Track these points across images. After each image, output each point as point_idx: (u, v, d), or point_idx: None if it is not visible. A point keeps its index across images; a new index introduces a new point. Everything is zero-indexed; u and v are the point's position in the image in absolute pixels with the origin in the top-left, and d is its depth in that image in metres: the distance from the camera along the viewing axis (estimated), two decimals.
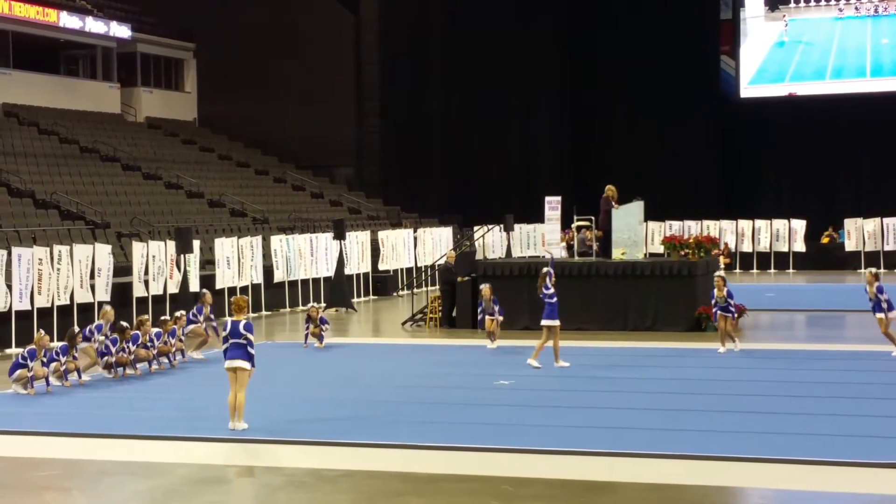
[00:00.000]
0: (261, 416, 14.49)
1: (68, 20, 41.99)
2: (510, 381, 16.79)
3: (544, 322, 18.14)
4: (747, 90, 50.32)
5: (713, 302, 20.54)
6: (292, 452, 12.56)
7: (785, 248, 43.41)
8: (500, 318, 21.42)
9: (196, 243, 26.35)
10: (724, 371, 17.87)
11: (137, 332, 19.03)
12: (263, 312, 29.10)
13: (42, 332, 17.82)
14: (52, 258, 22.85)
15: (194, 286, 25.80)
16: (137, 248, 25.40)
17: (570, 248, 29.20)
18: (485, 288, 21.97)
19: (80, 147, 38.96)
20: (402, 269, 35.62)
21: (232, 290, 27.95)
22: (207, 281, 27.21)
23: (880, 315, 19.33)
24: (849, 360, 19.03)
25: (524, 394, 15.80)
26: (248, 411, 14.20)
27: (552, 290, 18.07)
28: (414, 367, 18.94)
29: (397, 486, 11.09)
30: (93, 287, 23.83)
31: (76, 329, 18.46)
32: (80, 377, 17.61)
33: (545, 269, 18.23)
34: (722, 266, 38.05)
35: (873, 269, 20.51)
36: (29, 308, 22.37)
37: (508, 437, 12.92)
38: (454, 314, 25.43)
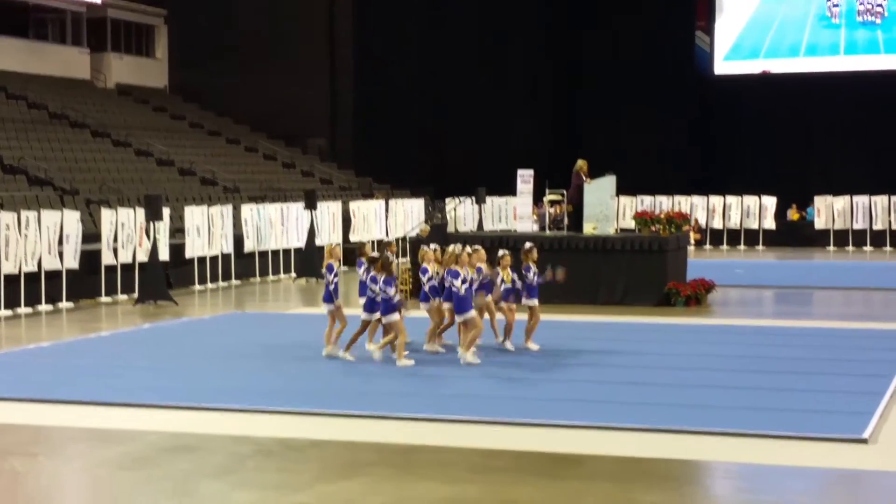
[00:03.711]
0: (232, 385, 14.53)
1: None
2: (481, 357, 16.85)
3: (529, 302, 17.29)
4: (722, 66, 50.47)
5: (483, 281, 16.84)
6: (262, 422, 12.61)
7: (755, 225, 43.66)
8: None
9: (166, 211, 26.27)
10: (692, 346, 18.01)
11: None
12: (233, 282, 29.07)
13: None
14: (19, 224, 22.74)
15: (164, 255, 25.77)
16: (106, 216, 25.31)
17: (541, 222, 29.27)
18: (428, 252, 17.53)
19: (49, 112, 38.68)
20: (373, 241, 35.60)
21: (202, 260, 27.93)
22: (177, 250, 27.17)
23: None
24: (816, 336, 19.20)
25: (496, 367, 15.87)
26: (217, 380, 14.28)
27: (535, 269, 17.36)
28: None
29: (367, 456, 11.16)
30: (61, 254, 23.75)
31: None
32: None
33: (528, 245, 17.69)
34: (692, 241, 38.37)
35: None
36: None
37: (481, 409, 13.00)
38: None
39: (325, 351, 16.70)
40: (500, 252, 17.43)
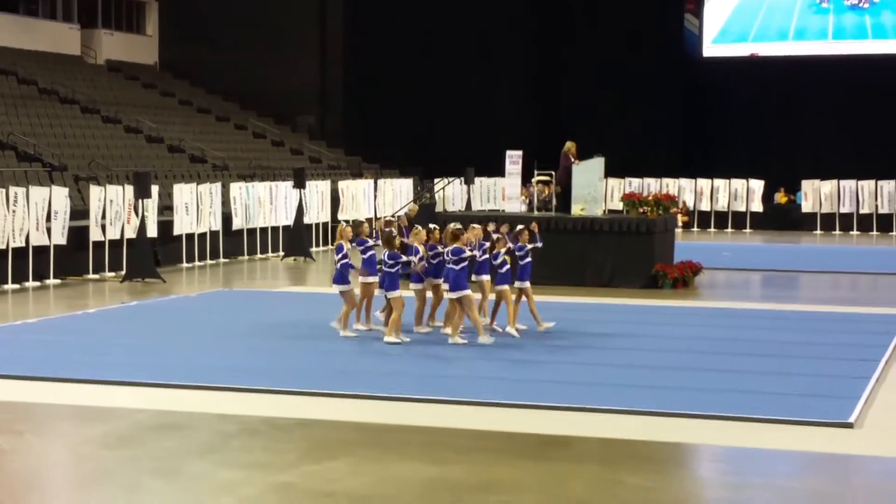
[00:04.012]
0: (218, 364, 14.45)
1: None
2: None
3: (521, 284, 17.05)
4: (710, 49, 50.37)
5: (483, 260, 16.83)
6: (248, 400, 12.53)
7: (742, 208, 43.70)
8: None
9: (154, 189, 26.14)
10: (679, 328, 17.97)
11: None
12: (221, 260, 28.96)
13: None
14: (7, 200, 22.60)
15: (152, 232, 25.66)
16: (95, 192, 25.17)
17: (529, 202, 29.20)
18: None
19: (39, 88, 38.46)
20: (369, 219, 35.48)
21: (190, 237, 27.81)
22: (165, 227, 27.05)
23: None
24: (802, 319, 19.18)
25: (483, 349, 15.80)
26: (203, 358, 14.19)
27: (528, 248, 17.16)
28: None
29: (352, 436, 11.09)
30: (49, 230, 23.61)
31: None
32: None
33: (520, 227, 17.47)
34: (680, 224, 38.36)
35: None
36: None
37: (467, 389, 12.94)
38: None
39: (343, 332, 16.58)
40: (519, 227, 17.39)
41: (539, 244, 17.58)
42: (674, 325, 18.34)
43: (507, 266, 16.76)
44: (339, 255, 16.75)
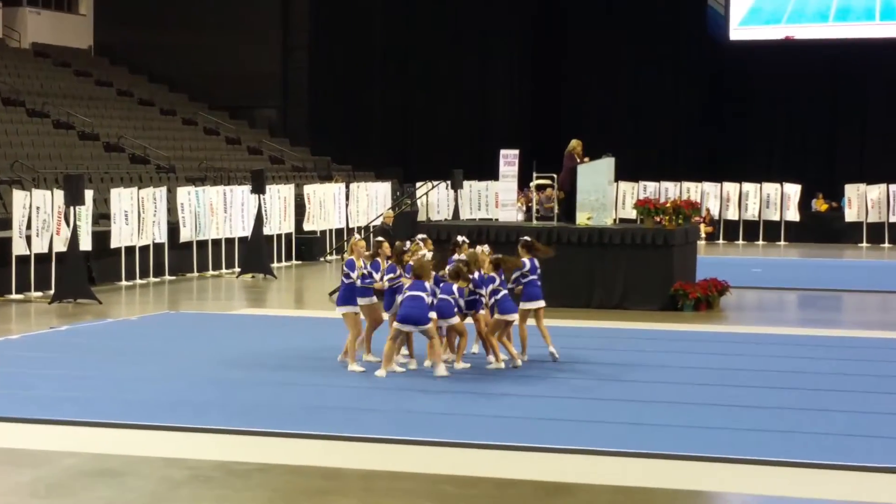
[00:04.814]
0: (164, 399, 14.45)
1: None
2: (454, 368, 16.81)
3: (533, 305, 17.25)
4: (738, 32, 50.54)
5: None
6: (198, 441, 12.53)
7: (776, 217, 43.84)
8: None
9: (88, 194, 26.11)
10: (701, 357, 18.02)
11: None
12: (167, 277, 28.95)
13: None
14: None
15: (85, 244, 25.64)
16: (19, 198, 25.14)
17: (528, 210, 29.30)
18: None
19: None
20: (330, 231, 35.56)
21: (130, 251, 27.81)
22: (101, 239, 27.04)
23: None
24: (846, 347, 19.24)
25: (472, 380, 15.84)
26: (146, 392, 14.18)
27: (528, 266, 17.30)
28: (340, 344, 18.76)
29: (321, 484, 11.11)
30: None
31: None
32: None
33: (525, 238, 17.67)
34: (703, 235, 38.48)
35: None
36: None
37: (452, 428, 12.97)
38: None
39: (342, 358, 16.66)
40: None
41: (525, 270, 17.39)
42: (695, 354, 18.38)
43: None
44: (353, 272, 16.32)
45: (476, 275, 16.61)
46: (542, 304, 17.37)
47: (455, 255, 17.35)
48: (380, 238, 17.47)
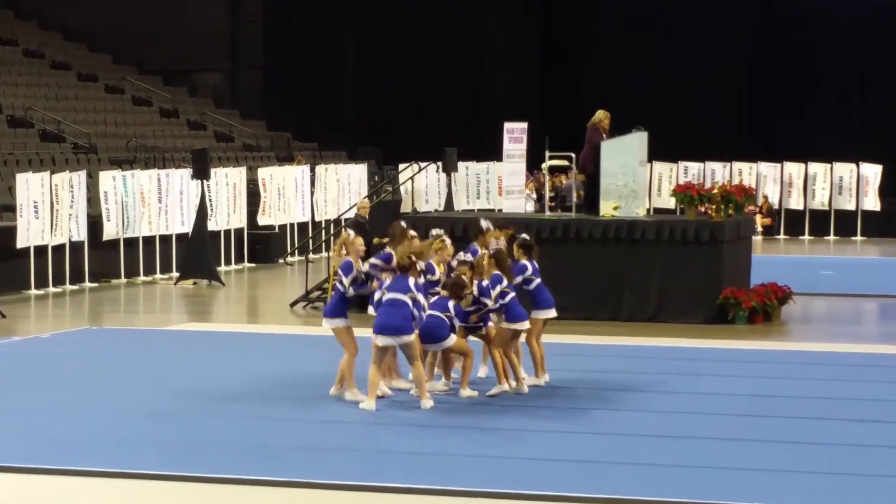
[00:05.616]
0: (82, 435, 14.42)
1: None
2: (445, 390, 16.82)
3: (548, 314, 17.36)
4: None
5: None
6: (127, 490, 12.50)
7: (851, 206, 43.79)
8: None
9: None
10: (757, 383, 18.01)
11: None
12: (87, 284, 28.92)
13: None
14: None
15: None
16: None
17: (539, 198, 29.29)
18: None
19: None
20: (291, 226, 35.52)
21: (41, 251, 27.75)
22: (5, 237, 27.01)
23: None
24: None
25: (460, 412, 15.82)
26: (61, 428, 14.20)
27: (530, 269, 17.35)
28: (305, 368, 18.90)
29: None
30: None
31: None
32: None
33: (523, 237, 17.67)
34: (759, 228, 38.47)
35: None
36: None
37: (432, 471, 12.98)
38: None
39: (335, 391, 16.48)
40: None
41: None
42: (749, 378, 18.38)
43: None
44: (347, 278, 16.06)
45: (475, 286, 16.50)
46: (554, 313, 17.37)
47: (475, 246, 17.21)
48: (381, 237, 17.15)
